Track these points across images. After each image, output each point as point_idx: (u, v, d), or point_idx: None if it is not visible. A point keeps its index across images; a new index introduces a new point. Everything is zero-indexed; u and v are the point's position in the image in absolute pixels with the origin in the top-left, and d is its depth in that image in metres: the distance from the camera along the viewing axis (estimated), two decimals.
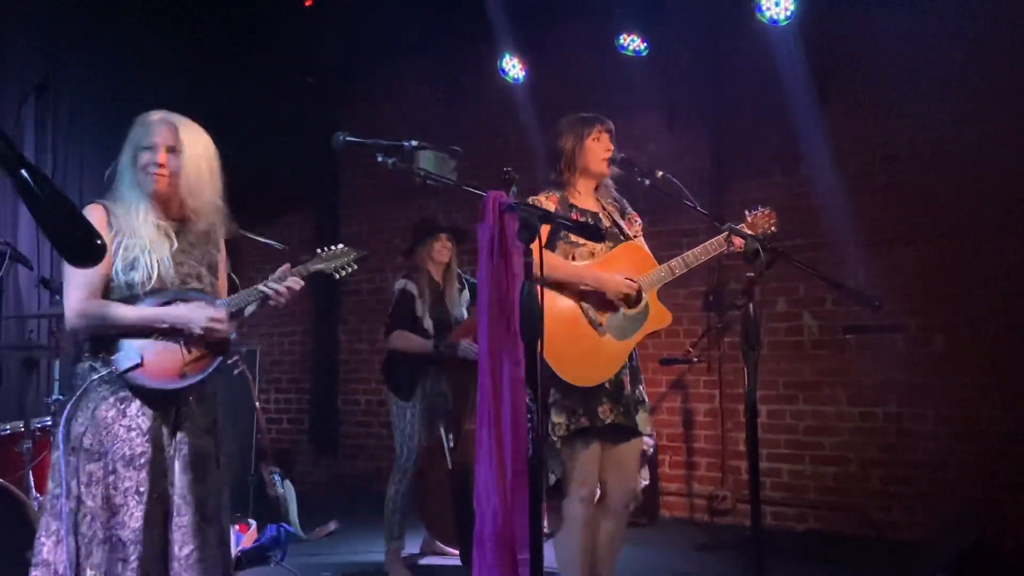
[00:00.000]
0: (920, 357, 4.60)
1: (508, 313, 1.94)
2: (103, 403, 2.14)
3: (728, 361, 5.20)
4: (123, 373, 2.13)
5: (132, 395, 2.16)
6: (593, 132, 2.96)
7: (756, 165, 5.21)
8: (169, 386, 2.21)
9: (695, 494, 5.31)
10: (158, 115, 2.29)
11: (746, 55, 5.12)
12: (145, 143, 2.25)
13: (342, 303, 6.88)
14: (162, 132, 2.26)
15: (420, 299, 4.09)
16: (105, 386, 2.15)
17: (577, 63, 5.70)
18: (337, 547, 4.71)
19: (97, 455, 2.11)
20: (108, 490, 2.10)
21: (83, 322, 2.17)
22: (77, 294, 2.15)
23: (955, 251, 4.55)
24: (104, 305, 2.17)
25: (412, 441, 4.06)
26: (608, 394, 2.80)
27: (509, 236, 1.94)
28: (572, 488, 2.77)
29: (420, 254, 4.20)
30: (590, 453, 2.80)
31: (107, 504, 2.09)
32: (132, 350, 2.14)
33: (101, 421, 2.13)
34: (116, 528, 2.08)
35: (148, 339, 2.18)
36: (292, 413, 7.01)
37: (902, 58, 4.65)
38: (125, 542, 2.07)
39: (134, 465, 2.12)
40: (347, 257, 2.53)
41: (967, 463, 4.43)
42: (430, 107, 6.27)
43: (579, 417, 2.75)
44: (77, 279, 2.16)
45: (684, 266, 2.88)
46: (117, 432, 2.13)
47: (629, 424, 2.84)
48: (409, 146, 1.99)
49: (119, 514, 2.09)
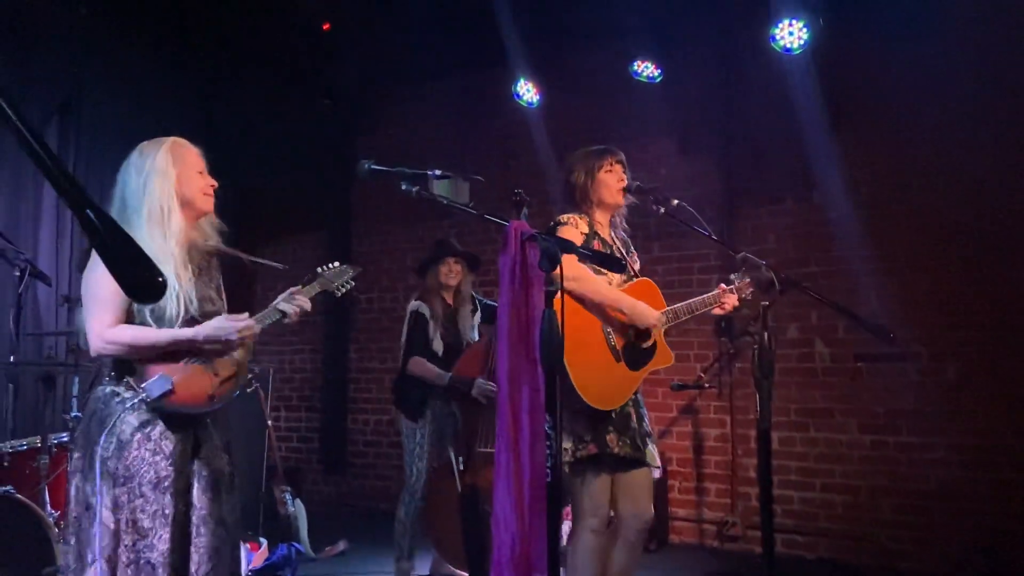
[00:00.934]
0: (932, 386, 4.60)
1: (528, 341, 1.96)
2: (128, 428, 2.16)
3: (739, 387, 5.21)
4: (155, 399, 2.14)
5: (154, 418, 2.18)
6: (604, 164, 2.99)
7: (768, 192, 5.25)
8: (198, 410, 2.24)
9: (705, 520, 5.30)
10: (179, 139, 2.35)
11: (759, 83, 5.17)
12: (198, 165, 2.32)
13: (352, 322, 6.92)
14: (198, 153, 2.35)
15: (432, 320, 4.13)
16: (129, 411, 2.16)
17: (591, 88, 5.76)
18: (347, 566, 4.72)
19: (123, 479, 2.13)
20: (136, 513, 2.12)
21: (112, 348, 2.15)
22: (104, 319, 2.14)
23: (967, 280, 4.56)
24: (134, 330, 2.17)
25: (422, 462, 4.10)
26: (614, 424, 2.81)
27: (531, 265, 1.97)
28: (583, 517, 2.79)
29: (430, 277, 4.26)
30: (600, 482, 2.82)
31: (134, 528, 2.11)
32: (163, 377, 2.15)
33: (127, 446, 2.14)
34: (145, 551, 2.10)
35: (177, 363, 2.19)
36: (302, 432, 7.03)
37: (913, 88, 4.69)
38: (155, 564, 2.10)
39: (160, 488, 2.15)
40: (346, 275, 2.63)
41: (978, 493, 4.41)
42: (445, 130, 6.33)
43: (587, 444, 2.77)
44: (103, 305, 2.15)
45: (688, 312, 2.95)
46: (144, 456, 2.15)
47: (637, 456, 2.85)
48: (433, 175, 2.03)
49: (148, 537, 2.11)
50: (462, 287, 4.28)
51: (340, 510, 6.44)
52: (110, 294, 2.14)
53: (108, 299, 2.15)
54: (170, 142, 2.32)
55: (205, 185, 2.32)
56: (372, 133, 6.80)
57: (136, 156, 2.28)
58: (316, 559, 4.80)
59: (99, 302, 2.16)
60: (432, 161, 2.43)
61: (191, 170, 2.30)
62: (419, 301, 4.20)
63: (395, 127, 6.63)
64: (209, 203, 2.34)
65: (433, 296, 4.20)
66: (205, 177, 2.34)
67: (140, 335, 2.16)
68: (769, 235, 5.21)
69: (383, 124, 6.72)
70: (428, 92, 6.41)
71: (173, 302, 2.18)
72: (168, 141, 2.32)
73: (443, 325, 4.16)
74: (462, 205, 2.01)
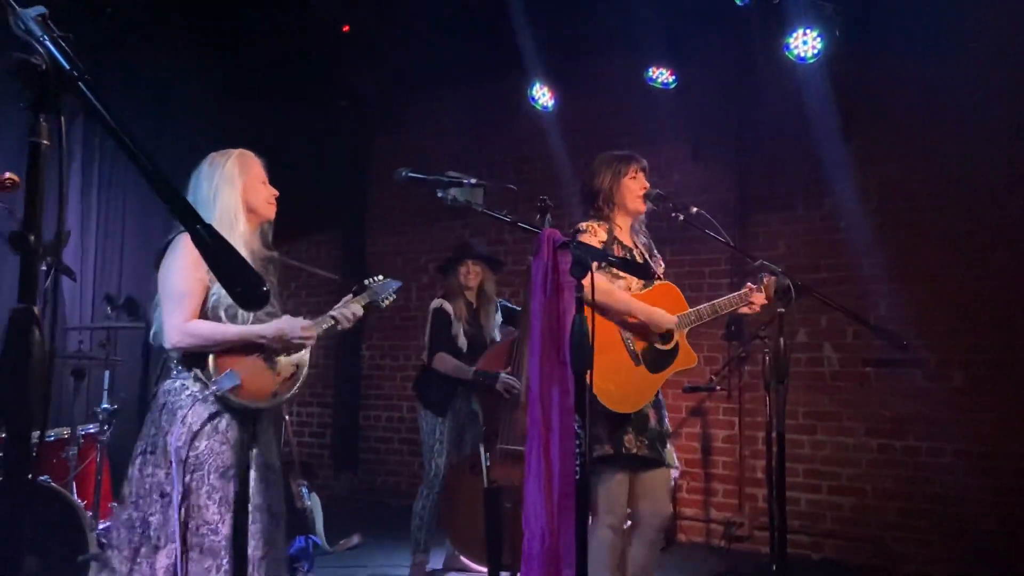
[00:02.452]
0: (938, 391, 4.68)
1: (559, 344, 2.05)
2: (198, 419, 2.28)
3: (748, 390, 5.30)
4: (224, 392, 2.26)
5: (221, 410, 2.31)
6: (630, 171, 3.07)
7: (779, 199, 5.33)
8: (261, 405, 2.36)
9: (712, 520, 5.39)
10: (245, 151, 2.49)
11: (772, 91, 5.25)
12: (262, 175, 2.47)
13: (365, 320, 6.98)
14: (262, 164, 2.50)
15: (455, 318, 4.25)
16: (200, 403, 2.29)
17: (606, 93, 5.85)
18: (360, 560, 4.81)
19: (193, 467, 2.25)
20: (202, 499, 2.24)
21: (188, 340, 2.28)
22: (183, 314, 2.27)
23: (975, 288, 4.64)
24: (209, 324, 2.30)
25: (441, 458, 4.21)
26: (633, 424, 2.90)
27: (562, 272, 2.06)
28: (600, 515, 2.88)
29: (451, 277, 4.39)
30: (617, 481, 2.91)
31: (199, 513, 2.23)
32: (232, 372, 2.27)
33: (197, 436, 2.27)
34: (210, 535, 2.22)
35: (245, 358, 2.31)
36: (314, 427, 7.13)
37: (926, 99, 4.77)
38: (218, 549, 2.22)
39: (226, 476, 2.28)
40: (390, 288, 2.80)
41: (984, 498, 4.49)
42: (461, 133, 6.42)
43: (603, 445, 2.86)
44: (181, 300, 2.28)
45: (711, 313, 3.01)
46: (212, 446, 2.28)
47: (655, 456, 2.94)
48: (468, 183, 2.12)
49: (213, 522, 2.23)
50: (485, 287, 4.40)
51: (351, 505, 6.54)
52: (188, 290, 2.29)
53: (186, 295, 2.29)
54: (237, 153, 2.46)
55: (268, 195, 2.48)
56: (389, 135, 6.90)
57: (207, 166, 2.43)
58: (331, 552, 4.89)
59: (177, 298, 2.29)
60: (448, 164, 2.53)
61: (256, 180, 2.45)
62: (441, 299, 4.34)
63: (412, 130, 6.72)
64: (271, 211, 2.50)
65: (455, 295, 4.33)
66: (268, 187, 2.49)
67: (216, 329, 2.30)
68: (780, 242, 5.29)
69: (400, 127, 6.82)
70: (445, 95, 6.49)
71: (241, 313, 2.32)
72: (236, 152, 2.46)
73: (466, 322, 4.28)
74: (498, 214, 2.10)
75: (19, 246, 0.98)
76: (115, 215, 5.39)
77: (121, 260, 5.28)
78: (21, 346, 1.00)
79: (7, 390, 1.01)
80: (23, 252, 0.99)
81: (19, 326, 0.98)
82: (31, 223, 0.99)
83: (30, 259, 0.99)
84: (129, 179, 5.43)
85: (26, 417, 1.02)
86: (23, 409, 1.02)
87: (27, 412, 1.02)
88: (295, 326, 2.37)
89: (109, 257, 5.31)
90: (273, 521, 2.36)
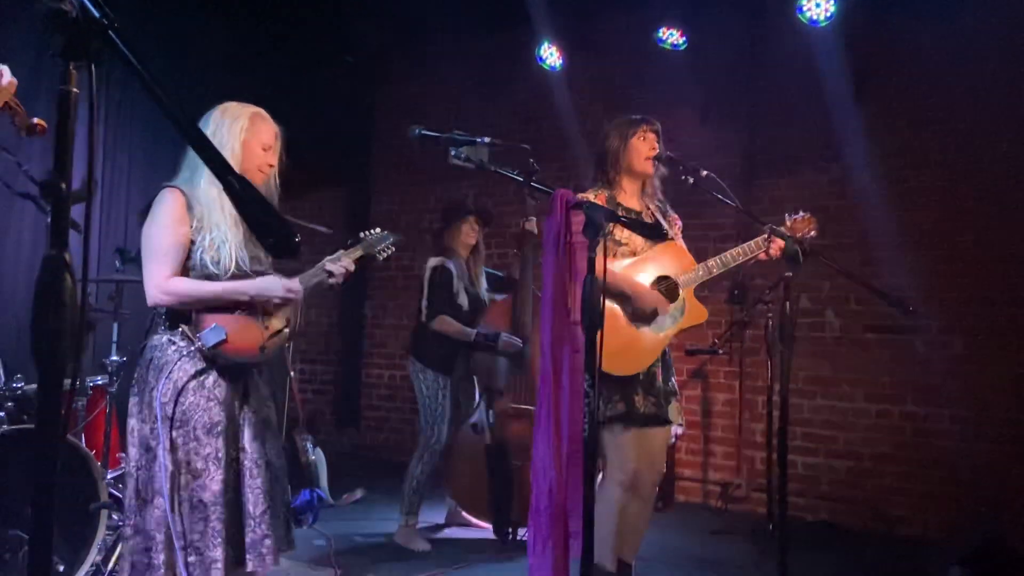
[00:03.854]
0: (939, 358, 4.71)
1: (570, 304, 2.08)
2: (184, 375, 2.26)
3: (749, 354, 5.34)
4: (211, 348, 2.26)
5: (208, 366, 2.29)
6: (639, 132, 3.06)
7: (788, 163, 5.31)
8: (249, 360, 2.36)
9: (710, 481, 5.47)
10: (262, 112, 2.43)
11: (784, 54, 5.20)
12: (266, 141, 2.40)
13: (369, 279, 7.02)
14: (274, 132, 2.42)
15: (457, 276, 4.22)
16: (185, 358, 2.27)
17: (615, 54, 5.79)
18: (363, 513, 4.89)
19: (180, 423, 2.24)
20: (190, 455, 2.24)
21: (168, 299, 2.26)
22: (162, 271, 2.24)
23: (981, 255, 4.65)
24: (189, 283, 2.27)
25: (443, 424, 4.18)
26: (641, 384, 2.95)
27: (574, 232, 2.07)
28: (610, 472, 2.93)
29: (450, 236, 4.32)
30: (628, 439, 2.96)
31: (188, 469, 2.24)
32: (217, 327, 2.25)
33: (183, 392, 2.25)
34: (198, 491, 2.23)
35: (230, 314, 2.29)
36: (317, 384, 7.20)
37: (937, 65, 4.73)
38: (207, 503, 2.22)
39: (213, 433, 2.26)
40: (387, 241, 2.75)
41: (980, 463, 4.55)
42: (465, 91, 6.36)
43: (616, 403, 2.91)
44: (161, 258, 2.25)
45: (722, 266, 3.00)
46: (198, 402, 2.26)
47: (661, 414, 2.99)
48: (482, 142, 2.11)
49: (201, 478, 2.23)
50: (479, 245, 4.38)
51: (353, 460, 6.62)
52: (168, 247, 2.25)
53: (166, 252, 2.25)
54: (252, 112, 2.41)
55: (262, 162, 2.40)
56: (392, 92, 6.84)
57: (218, 114, 2.38)
58: (335, 505, 4.98)
59: (157, 255, 2.26)
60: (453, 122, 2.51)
61: (257, 144, 2.38)
62: (440, 257, 4.25)
63: (416, 87, 6.66)
64: (259, 178, 2.41)
65: (455, 254, 4.29)
66: (267, 155, 2.41)
67: (195, 287, 2.26)
68: (786, 206, 5.25)
69: (404, 84, 6.76)
70: (450, 52, 6.42)
71: (227, 256, 2.29)
72: (251, 111, 2.41)
73: (467, 281, 4.26)
74: (512, 174, 2.10)
75: (51, 193, 0.98)
76: (120, 168, 5.37)
77: (127, 214, 5.28)
78: (53, 293, 1.01)
79: (40, 337, 1.02)
80: (55, 199, 0.99)
81: (51, 273, 0.99)
82: (61, 170, 0.99)
83: (61, 206, 1.00)
84: (135, 132, 5.40)
85: (59, 364, 1.04)
86: (56, 357, 1.03)
87: (60, 360, 1.03)
88: (278, 285, 2.34)
89: (115, 210, 5.30)
90: (272, 476, 2.36)
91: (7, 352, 3.53)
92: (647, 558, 3.71)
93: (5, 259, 4.60)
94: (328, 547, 4.08)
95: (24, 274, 4.53)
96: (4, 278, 4.57)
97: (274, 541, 2.32)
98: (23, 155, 3.08)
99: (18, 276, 4.55)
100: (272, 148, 2.42)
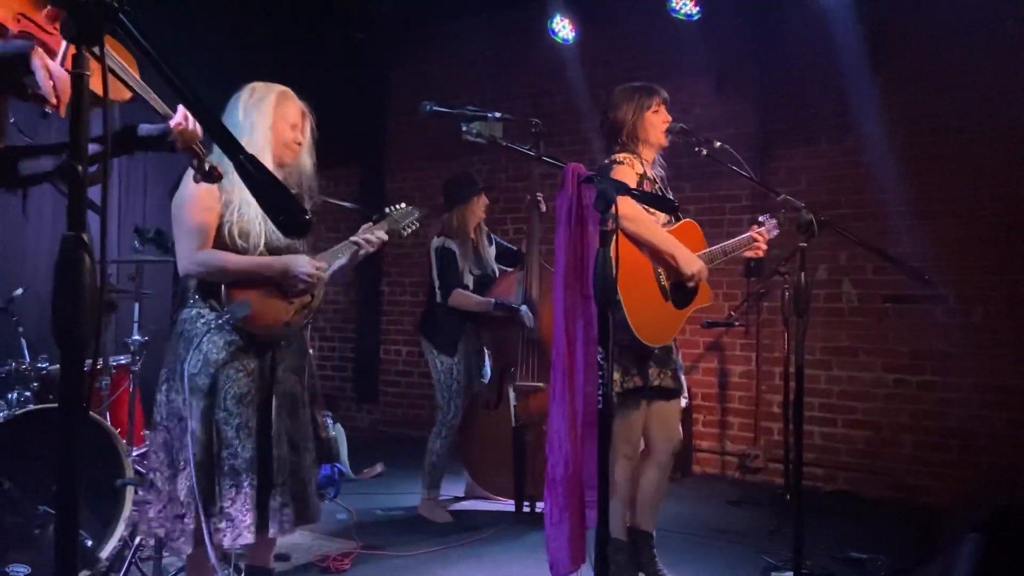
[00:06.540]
0: (957, 328, 4.69)
1: (583, 278, 2.09)
2: (213, 347, 2.33)
3: (766, 326, 5.33)
4: (237, 321, 2.30)
5: (237, 339, 2.35)
6: (652, 104, 3.04)
7: (803, 133, 5.26)
8: (275, 333, 2.41)
9: (728, 452, 5.49)
10: (288, 90, 2.48)
11: (798, 22, 5.13)
12: (293, 119, 2.45)
13: (385, 255, 7.05)
14: (302, 110, 2.48)
15: (461, 256, 4.20)
16: (215, 331, 2.34)
17: (628, 25, 5.74)
18: (383, 487, 4.96)
19: (210, 393, 2.31)
20: (220, 425, 2.31)
21: (198, 269, 2.34)
22: (192, 243, 2.32)
23: (998, 225, 4.60)
24: (218, 254, 2.34)
25: (459, 398, 4.22)
26: (656, 358, 2.98)
27: (586, 205, 2.07)
28: (617, 445, 2.96)
29: (461, 211, 4.26)
30: (639, 412, 3.00)
31: (219, 438, 2.30)
32: (244, 301, 2.31)
33: (213, 363, 2.32)
34: (229, 459, 2.30)
35: (257, 289, 2.35)
36: (335, 361, 7.26)
37: (955, 32, 4.65)
38: (239, 470, 2.30)
39: (243, 403, 2.33)
40: (412, 216, 2.76)
41: (999, 432, 4.54)
42: (479, 65, 6.34)
43: (633, 376, 2.93)
44: (191, 230, 2.32)
45: (722, 255, 3.09)
46: (228, 374, 2.33)
47: (676, 388, 3.04)
48: (493, 117, 2.12)
49: (232, 446, 2.30)
50: (483, 221, 4.37)
51: (372, 436, 6.70)
52: (199, 221, 2.32)
53: (198, 225, 2.32)
54: (280, 91, 2.47)
55: (290, 139, 2.46)
56: (406, 68, 6.81)
57: (247, 95, 2.44)
58: (356, 480, 5.05)
59: (189, 228, 2.33)
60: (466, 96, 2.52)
61: (285, 121, 2.44)
62: (443, 237, 4.23)
63: (429, 62, 6.63)
64: (289, 156, 2.48)
65: (460, 233, 4.24)
66: (295, 132, 2.47)
67: (225, 259, 2.33)
68: (802, 176, 5.24)
69: (417, 59, 6.73)
70: (463, 26, 6.39)
71: (256, 232, 2.34)
72: (279, 90, 2.47)
73: (472, 259, 4.26)
74: (524, 148, 2.10)
75: (67, 175, 1.00)
76: None
77: (145, 193, 5.32)
78: (72, 273, 1.04)
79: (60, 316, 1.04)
80: (71, 181, 1.01)
81: (70, 253, 1.02)
82: (77, 152, 1.01)
83: (78, 188, 1.02)
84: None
85: (80, 344, 1.06)
86: (77, 336, 1.05)
87: (81, 339, 1.06)
88: (304, 262, 2.40)
89: (133, 190, 5.34)
90: (294, 452, 2.42)
91: (32, 333, 3.59)
92: (665, 528, 3.72)
93: (27, 242, 4.67)
94: (350, 520, 4.15)
95: (46, 257, 4.59)
96: (27, 260, 4.64)
97: (293, 510, 2.38)
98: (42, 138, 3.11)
99: (39, 259, 4.62)
100: (299, 126, 2.48)
